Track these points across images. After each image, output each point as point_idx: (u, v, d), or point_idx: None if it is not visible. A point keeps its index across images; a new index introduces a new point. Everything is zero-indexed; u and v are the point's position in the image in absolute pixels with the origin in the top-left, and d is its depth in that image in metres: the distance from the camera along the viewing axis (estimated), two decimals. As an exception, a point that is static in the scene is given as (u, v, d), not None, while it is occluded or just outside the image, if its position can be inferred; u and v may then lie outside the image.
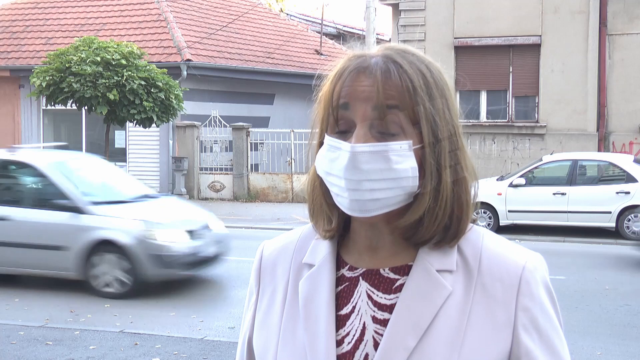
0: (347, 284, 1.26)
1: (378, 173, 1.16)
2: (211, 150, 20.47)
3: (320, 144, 1.24)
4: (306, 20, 31.85)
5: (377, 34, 20.24)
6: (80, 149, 21.68)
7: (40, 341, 7.02)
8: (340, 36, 30.77)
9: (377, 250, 1.25)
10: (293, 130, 19.65)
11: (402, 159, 1.16)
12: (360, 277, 1.25)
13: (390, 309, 1.20)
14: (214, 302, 8.69)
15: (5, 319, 7.92)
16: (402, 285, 1.21)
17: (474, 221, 1.27)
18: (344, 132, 1.20)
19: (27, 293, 9.16)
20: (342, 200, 1.19)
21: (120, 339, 7.10)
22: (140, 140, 20.82)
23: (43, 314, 8.14)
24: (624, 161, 13.94)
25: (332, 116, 1.21)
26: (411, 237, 1.22)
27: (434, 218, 1.19)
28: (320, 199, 1.27)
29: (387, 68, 1.19)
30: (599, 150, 16.55)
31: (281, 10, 33.58)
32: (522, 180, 14.01)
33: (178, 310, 8.29)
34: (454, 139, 1.21)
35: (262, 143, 20.29)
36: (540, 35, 17.29)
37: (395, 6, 18.95)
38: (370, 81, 1.18)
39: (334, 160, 1.18)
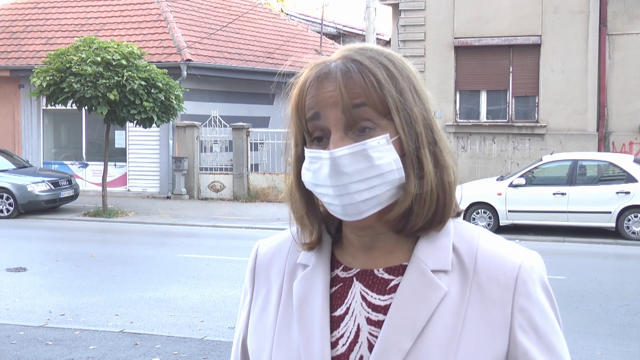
0: (341, 284, 1.25)
1: (362, 173, 1.16)
2: (211, 150, 20.47)
3: (299, 157, 1.24)
4: (306, 20, 31.85)
5: (377, 34, 20.27)
6: (81, 149, 21.70)
7: (40, 341, 7.02)
8: (340, 36, 30.76)
9: (371, 250, 1.24)
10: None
11: (383, 154, 1.16)
12: (355, 278, 1.24)
13: (384, 310, 1.19)
14: (214, 302, 8.69)
15: (5, 319, 7.92)
16: (396, 285, 1.21)
17: (458, 214, 1.25)
18: (321, 139, 1.19)
19: (27, 293, 9.16)
20: (335, 208, 1.19)
21: (120, 339, 7.10)
22: (140, 140, 20.82)
23: (43, 314, 8.14)
24: (624, 161, 13.94)
25: (304, 129, 1.21)
26: (403, 228, 1.21)
27: (423, 204, 1.18)
28: (301, 211, 1.26)
29: (347, 68, 1.18)
30: (599, 150, 16.54)
31: (281, 10, 33.58)
32: (522, 180, 14.00)
33: (178, 310, 8.29)
34: (428, 124, 1.21)
35: (262, 143, 20.28)
36: (540, 35, 17.28)
37: (395, 6, 18.94)
38: (333, 86, 1.17)
39: (317, 170, 1.18)
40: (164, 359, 6.50)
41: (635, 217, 13.38)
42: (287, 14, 31.97)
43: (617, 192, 13.46)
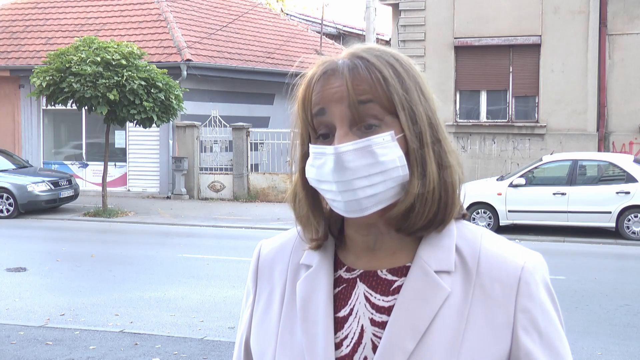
0: (344, 285, 1.25)
1: (366, 169, 1.15)
2: (211, 150, 20.47)
3: (305, 154, 1.23)
4: (306, 20, 31.85)
5: (377, 34, 20.26)
6: (81, 149, 21.70)
7: (40, 341, 7.02)
8: (340, 36, 30.76)
9: (374, 251, 1.24)
10: (293, 131, 19.62)
11: (387, 151, 1.16)
12: (358, 279, 1.24)
13: (388, 311, 1.19)
14: (214, 302, 8.69)
15: (5, 319, 7.92)
16: (400, 286, 1.20)
17: (463, 216, 1.26)
18: (326, 136, 1.19)
19: (27, 293, 9.16)
20: (338, 205, 1.18)
21: (120, 339, 7.10)
22: (140, 140, 20.82)
23: (43, 314, 8.14)
24: (624, 161, 13.94)
25: (309, 125, 1.21)
26: (404, 226, 1.20)
27: (424, 203, 1.18)
28: (306, 210, 1.26)
29: (355, 65, 1.18)
30: (599, 150, 16.54)
31: (281, 10, 33.58)
32: (522, 180, 14.00)
33: (178, 310, 8.29)
34: (433, 123, 1.21)
35: (262, 143, 20.29)
36: (540, 35, 17.28)
37: (395, 6, 18.94)
38: (339, 81, 1.17)
39: (321, 166, 1.18)
40: (164, 359, 6.51)
41: (635, 217, 13.38)
42: (287, 14, 31.98)
43: (617, 192, 13.46)
